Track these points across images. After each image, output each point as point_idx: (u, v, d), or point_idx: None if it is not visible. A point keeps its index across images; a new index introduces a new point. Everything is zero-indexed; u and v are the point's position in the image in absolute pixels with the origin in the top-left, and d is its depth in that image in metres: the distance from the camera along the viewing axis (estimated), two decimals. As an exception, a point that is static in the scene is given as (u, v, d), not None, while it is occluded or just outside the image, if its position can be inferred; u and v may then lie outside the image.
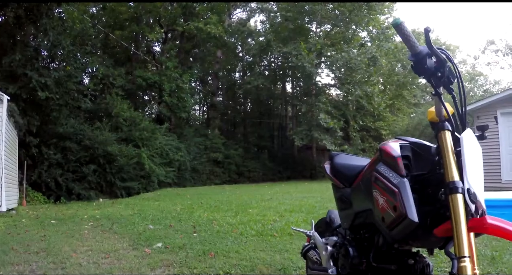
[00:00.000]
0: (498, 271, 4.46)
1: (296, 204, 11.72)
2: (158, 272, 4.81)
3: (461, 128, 2.12)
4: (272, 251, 5.75)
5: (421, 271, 2.41)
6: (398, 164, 2.22)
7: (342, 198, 3.09)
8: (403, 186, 2.12)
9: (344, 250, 2.86)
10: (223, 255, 5.55)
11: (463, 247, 1.74)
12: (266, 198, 14.38)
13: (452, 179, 1.91)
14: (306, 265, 4.15)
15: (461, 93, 2.10)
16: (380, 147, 2.45)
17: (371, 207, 2.44)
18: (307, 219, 8.55)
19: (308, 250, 3.64)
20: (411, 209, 2.03)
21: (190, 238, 6.88)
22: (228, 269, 4.83)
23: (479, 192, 1.90)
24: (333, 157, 3.37)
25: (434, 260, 4.86)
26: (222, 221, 8.64)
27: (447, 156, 1.99)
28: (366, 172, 2.66)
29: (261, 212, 10.18)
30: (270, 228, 7.67)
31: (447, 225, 1.91)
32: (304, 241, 4.41)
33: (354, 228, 2.91)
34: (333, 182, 3.30)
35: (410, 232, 2.07)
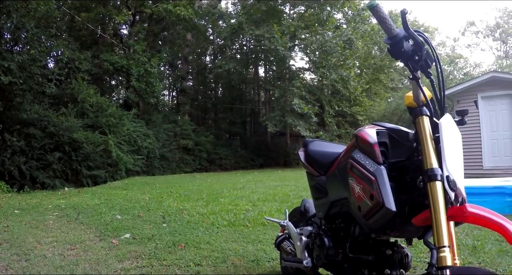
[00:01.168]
0: (480, 261, 4.50)
1: (270, 193, 11.73)
2: (126, 264, 4.76)
3: (440, 113, 2.12)
4: (245, 242, 5.74)
5: (399, 262, 2.42)
6: (374, 151, 2.22)
7: (317, 187, 3.09)
8: (380, 173, 2.12)
9: (319, 241, 2.86)
10: (193, 246, 5.52)
11: (443, 236, 1.75)
12: (238, 186, 14.36)
13: (431, 166, 1.92)
14: (280, 256, 4.15)
15: (439, 77, 2.10)
16: (356, 133, 2.45)
17: (347, 196, 2.44)
18: (280, 208, 8.58)
19: (282, 241, 3.63)
20: (389, 197, 2.03)
21: (159, 228, 6.84)
22: (199, 260, 4.81)
23: (459, 179, 1.90)
24: (307, 144, 3.37)
25: (412, 250, 4.90)
26: (192, 211, 8.60)
27: (425, 142, 1.99)
28: (342, 159, 2.66)
29: (233, 201, 10.16)
30: (243, 218, 7.66)
31: (426, 214, 1.92)
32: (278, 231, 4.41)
33: (329, 218, 2.91)
34: (307, 170, 3.30)
35: (388, 221, 2.08)
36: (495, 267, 4.23)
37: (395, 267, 2.41)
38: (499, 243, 5.12)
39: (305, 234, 3.21)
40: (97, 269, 4.57)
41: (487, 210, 1.82)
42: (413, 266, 4.23)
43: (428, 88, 2.17)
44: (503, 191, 7.31)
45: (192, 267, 4.59)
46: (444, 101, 2.12)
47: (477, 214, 1.80)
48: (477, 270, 1.77)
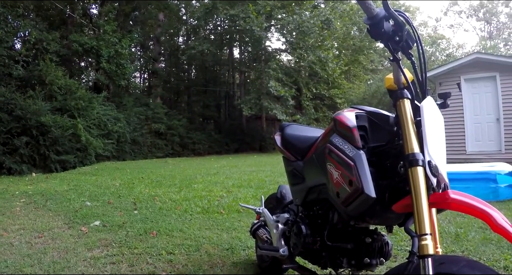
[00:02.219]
0: (463, 249, 4.53)
1: (245, 179, 11.76)
2: (96, 253, 4.72)
3: (421, 96, 2.11)
4: (219, 230, 5.74)
5: (379, 250, 2.43)
6: (353, 135, 2.21)
7: (294, 172, 3.08)
8: (359, 159, 2.11)
9: (296, 228, 2.85)
10: (166, 234, 5.51)
11: (424, 224, 1.74)
12: (212, 172, 14.37)
13: (412, 151, 1.90)
14: (256, 244, 4.15)
15: (421, 58, 2.08)
16: (335, 117, 2.44)
17: (325, 182, 2.43)
18: (256, 195, 8.60)
19: (258, 228, 3.63)
20: (368, 183, 2.03)
21: (130, 215, 6.81)
22: (171, 249, 4.80)
23: (441, 164, 1.89)
24: (284, 128, 3.36)
25: (393, 238, 4.93)
26: (164, 198, 8.58)
27: (406, 126, 1.98)
28: (320, 144, 2.65)
29: (207, 187, 10.16)
30: (217, 204, 7.66)
31: (407, 201, 1.91)
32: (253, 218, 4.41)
33: (307, 204, 2.91)
34: (284, 155, 3.29)
35: (367, 208, 2.07)
36: (479, 255, 4.26)
37: (375, 255, 2.42)
38: (483, 231, 5.17)
39: (281, 221, 3.21)
40: (66, 258, 4.53)
41: (471, 196, 1.81)
42: (393, 255, 4.25)
43: (409, 70, 2.16)
44: (487, 177, 7.38)
45: (164, 255, 4.57)
46: (425, 83, 2.11)
47: (460, 200, 1.79)
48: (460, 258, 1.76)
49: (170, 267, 4.18)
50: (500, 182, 7.30)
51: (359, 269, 2.54)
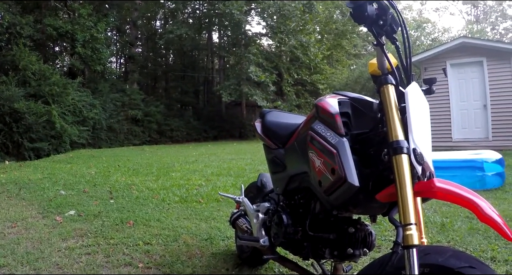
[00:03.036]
0: (449, 239, 4.56)
1: (224, 167, 11.76)
2: (71, 243, 4.70)
3: (406, 81, 2.10)
4: (198, 219, 5.74)
5: (363, 240, 2.42)
6: (336, 122, 2.20)
7: (275, 160, 3.07)
8: (342, 146, 2.10)
9: (277, 218, 2.84)
10: (143, 224, 5.50)
11: (409, 213, 1.74)
12: (191, 160, 14.37)
13: (396, 138, 1.90)
14: (235, 234, 4.15)
15: (405, 43, 2.07)
16: (317, 103, 2.42)
17: (306, 170, 2.42)
18: (236, 183, 8.62)
19: (237, 218, 3.61)
20: (351, 171, 2.01)
21: (106, 205, 6.79)
22: (148, 239, 4.79)
23: (426, 152, 1.89)
24: (264, 115, 3.34)
25: (377, 228, 4.95)
26: (141, 186, 8.56)
27: (390, 112, 1.97)
28: (301, 131, 2.64)
29: (185, 176, 10.16)
30: (195, 193, 7.65)
31: (391, 189, 1.91)
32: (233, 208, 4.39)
33: (288, 193, 2.90)
34: (264, 142, 3.28)
35: (350, 197, 2.06)
36: (465, 246, 4.29)
37: (358, 246, 2.41)
38: (469, 221, 5.20)
39: (262, 210, 3.20)
40: (40, 248, 4.50)
41: (457, 185, 1.81)
42: (377, 245, 4.27)
43: (393, 55, 2.15)
44: (473, 165, 7.41)
45: (141, 246, 4.56)
46: (410, 68, 2.10)
47: (445, 189, 1.79)
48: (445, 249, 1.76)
49: (147, 258, 4.17)
50: (487, 170, 7.33)
51: (342, 260, 2.54)
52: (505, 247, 4.15)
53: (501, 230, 1.65)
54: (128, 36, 36.50)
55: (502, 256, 3.86)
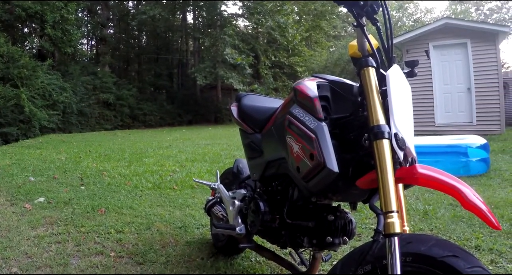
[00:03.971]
0: (432, 227, 4.57)
1: (199, 153, 11.79)
2: (40, 231, 4.66)
3: (387, 64, 2.08)
4: (171, 207, 5.73)
5: (343, 228, 2.42)
6: (315, 105, 2.18)
7: (252, 145, 3.06)
8: (321, 131, 2.08)
9: (253, 205, 2.83)
10: (114, 212, 5.48)
11: (390, 200, 1.72)
12: (164, 145, 14.38)
13: (377, 123, 1.88)
14: (211, 222, 4.14)
15: (386, 24, 2.05)
16: (295, 86, 2.40)
17: (284, 156, 2.40)
18: (211, 169, 8.62)
19: (213, 205, 3.59)
20: (330, 157, 1.99)
21: (77, 191, 6.75)
22: (120, 227, 4.76)
23: (408, 137, 1.88)
24: (241, 98, 3.33)
25: (357, 215, 4.97)
26: (113, 172, 8.53)
27: (371, 96, 1.95)
28: (279, 115, 2.62)
29: (159, 161, 10.15)
30: (169, 180, 7.65)
31: (372, 176, 1.90)
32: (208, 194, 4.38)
33: (265, 180, 2.89)
34: (241, 127, 3.26)
35: (330, 183, 2.04)
36: (449, 234, 4.31)
37: (338, 234, 2.40)
38: (453, 208, 5.23)
39: (238, 197, 3.18)
40: (8, 237, 4.46)
41: (440, 171, 1.81)
42: (357, 233, 4.28)
43: (374, 37, 2.13)
44: (457, 150, 7.44)
45: (113, 234, 4.53)
46: (392, 50, 2.08)
47: (428, 175, 1.78)
48: (428, 237, 1.76)
49: (119, 247, 4.15)
50: (471, 156, 7.36)
51: (321, 249, 2.54)
52: (490, 235, 4.17)
53: (485, 218, 1.64)
54: (100, 17, 36.16)
55: (487, 245, 3.88)
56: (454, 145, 7.57)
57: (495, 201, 5.47)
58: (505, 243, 3.92)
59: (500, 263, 3.45)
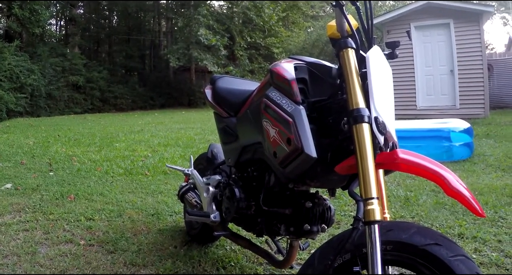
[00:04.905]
0: (413, 215, 4.60)
1: (172, 137, 11.78)
2: (7, 218, 4.62)
3: (367, 45, 2.07)
4: (143, 193, 5.72)
5: (321, 216, 2.41)
6: (292, 88, 2.16)
7: (227, 130, 3.04)
8: (299, 114, 2.06)
9: (228, 192, 2.81)
10: (84, 198, 5.45)
11: (370, 186, 1.72)
12: (136, 129, 14.36)
13: (357, 106, 1.87)
14: (184, 209, 4.13)
15: (366, 4, 2.04)
16: (271, 68, 2.37)
17: (260, 140, 2.39)
18: (184, 154, 8.63)
19: (186, 192, 3.58)
20: (308, 142, 1.98)
21: (46, 177, 6.71)
22: (91, 214, 4.74)
23: (389, 121, 1.88)
24: (215, 81, 3.30)
25: (336, 202, 4.98)
26: (83, 158, 8.49)
27: (350, 78, 1.93)
28: (255, 98, 2.60)
29: (130, 146, 10.16)
30: (141, 165, 7.64)
31: (351, 161, 1.89)
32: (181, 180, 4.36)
33: (240, 165, 2.87)
34: (215, 110, 3.24)
35: (307, 169, 2.03)
36: (431, 221, 4.33)
37: (316, 221, 2.39)
38: (435, 194, 5.27)
39: (212, 184, 3.17)
40: (-28, 226, 4.42)
41: (422, 156, 1.81)
42: (336, 221, 4.30)
43: (353, 17, 2.12)
44: (439, 135, 7.45)
45: (83, 221, 4.50)
46: (372, 31, 2.07)
47: (410, 161, 1.78)
48: (410, 225, 1.76)
49: (89, 235, 4.12)
50: (454, 141, 7.38)
51: (298, 237, 2.53)
52: (473, 223, 4.20)
53: (469, 205, 1.64)
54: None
55: (470, 233, 3.90)
56: (437, 129, 7.59)
57: (479, 187, 5.52)
58: (489, 231, 3.95)
59: (484, 252, 3.47)
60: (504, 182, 5.81)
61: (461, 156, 7.36)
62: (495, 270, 3.12)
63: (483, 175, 6.31)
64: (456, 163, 7.08)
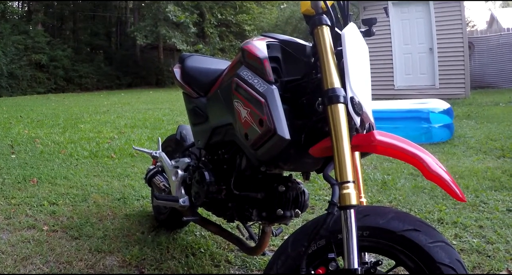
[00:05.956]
0: (391, 199, 4.62)
1: (139, 118, 11.79)
2: (-35, 204, 4.59)
3: (343, 22, 2.07)
4: (109, 177, 5.70)
5: (294, 200, 2.39)
6: (264, 67, 2.12)
7: (196, 110, 3.01)
8: (271, 94, 2.03)
9: (198, 175, 2.78)
10: (48, 182, 5.41)
11: (346, 170, 1.70)
12: (102, 110, 14.34)
13: (332, 86, 1.84)
14: (152, 193, 4.12)
15: (342, -21, 2.01)
16: (243, 46, 2.34)
17: (231, 121, 2.36)
18: (152, 136, 8.62)
19: (154, 175, 3.56)
20: (281, 123, 1.95)
21: (7, 160, 6.66)
22: (54, 199, 4.70)
23: (366, 101, 1.87)
24: (184, 59, 3.27)
25: (310, 186, 4.98)
26: (46, 140, 8.45)
27: (325, 57, 1.90)
28: (226, 77, 2.58)
29: (96, 128, 10.13)
30: (107, 147, 7.62)
31: (326, 143, 1.87)
32: (149, 163, 4.33)
33: (210, 147, 2.85)
34: (184, 90, 3.21)
35: (280, 151, 2.00)
36: (409, 206, 4.36)
37: (289, 206, 2.38)
38: (414, 178, 5.30)
39: (181, 167, 3.14)
40: None
41: (400, 138, 1.80)
42: (310, 205, 4.31)
43: (328, -8, 2.08)
44: (418, 116, 7.46)
45: (46, 206, 4.47)
46: (347, 7, 2.07)
47: (387, 143, 1.77)
48: (387, 210, 1.75)
49: (53, 220, 4.09)
50: (433, 122, 7.40)
51: (271, 222, 2.52)
52: (454, 207, 4.23)
53: (449, 189, 1.64)
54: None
55: (450, 218, 3.93)
56: (415, 110, 7.60)
57: (459, 171, 5.56)
58: (470, 216, 3.98)
59: (464, 238, 3.49)
60: (485, 165, 5.86)
61: (440, 138, 7.40)
62: (476, 257, 3.13)
63: (464, 158, 6.35)
64: (435, 145, 7.12)
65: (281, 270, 1.86)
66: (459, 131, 8.17)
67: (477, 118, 10.06)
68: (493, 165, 5.83)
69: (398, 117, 7.38)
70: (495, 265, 2.99)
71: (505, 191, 4.67)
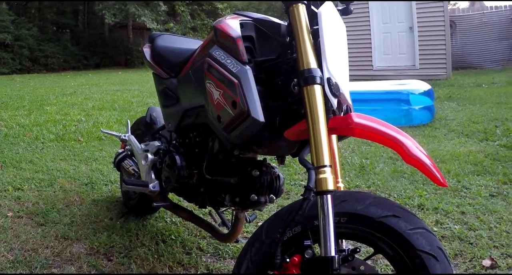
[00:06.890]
0: (369, 184, 4.64)
1: (107, 100, 11.73)
2: None
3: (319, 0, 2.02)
4: (77, 161, 5.67)
5: (269, 185, 2.39)
6: (238, 47, 2.10)
7: (167, 92, 2.99)
8: (245, 75, 2.01)
9: (169, 159, 2.77)
10: (12, 166, 5.37)
11: (323, 154, 1.69)
12: (68, 92, 14.23)
13: (308, 66, 1.83)
14: (121, 178, 4.10)
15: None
16: (215, 25, 2.32)
17: (203, 103, 2.35)
18: (121, 119, 8.59)
19: (123, 159, 3.53)
20: (255, 105, 1.93)
21: (-31, 144, 6.60)
22: (19, 183, 4.67)
23: (343, 82, 1.86)
24: (154, 39, 3.24)
25: (285, 171, 4.99)
26: (11, 122, 8.37)
27: (301, 36, 1.89)
28: (197, 57, 2.56)
29: (62, 110, 10.05)
30: (74, 130, 7.57)
31: (302, 126, 1.86)
32: (118, 147, 4.30)
33: (182, 130, 2.84)
34: (154, 71, 3.20)
35: (254, 134, 1.99)
36: (388, 191, 4.38)
37: (264, 191, 2.38)
38: (393, 162, 5.33)
39: (151, 150, 3.13)
40: None
41: (378, 120, 1.79)
42: (286, 191, 4.31)
43: (304, -31, 2.06)
44: (398, 97, 7.46)
45: (10, 191, 4.43)
46: (324, -16, 2.02)
47: (365, 125, 1.76)
48: (365, 195, 1.75)
49: (17, 206, 4.06)
50: (413, 104, 7.41)
51: (244, 208, 2.52)
52: (434, 193, 4.26)
53: (429, 173, 1.63)
54: None
55: (431, 204, 3.95)
56: (395, 92, 7.61)
57: (440, 154, 5.59)
58: (452, 201, 4.01)
59: (446, 224, 3.51)
60: (467, 149, 5.90)
61: (421, 121, 7.42)
62: (458, 244, 3.16)
63: (445, 141, 6.39)
64: (415, 128, 7.15)
65: (255, 257, 1.85)
66: (440, 113, 8.22)
67: (459, 100, 10.13)
68: (475, 149, 5.88)
69: (376, 98, 7.37)
70: (478, 252, 3.01)
71: (488, 176, 4.71)
